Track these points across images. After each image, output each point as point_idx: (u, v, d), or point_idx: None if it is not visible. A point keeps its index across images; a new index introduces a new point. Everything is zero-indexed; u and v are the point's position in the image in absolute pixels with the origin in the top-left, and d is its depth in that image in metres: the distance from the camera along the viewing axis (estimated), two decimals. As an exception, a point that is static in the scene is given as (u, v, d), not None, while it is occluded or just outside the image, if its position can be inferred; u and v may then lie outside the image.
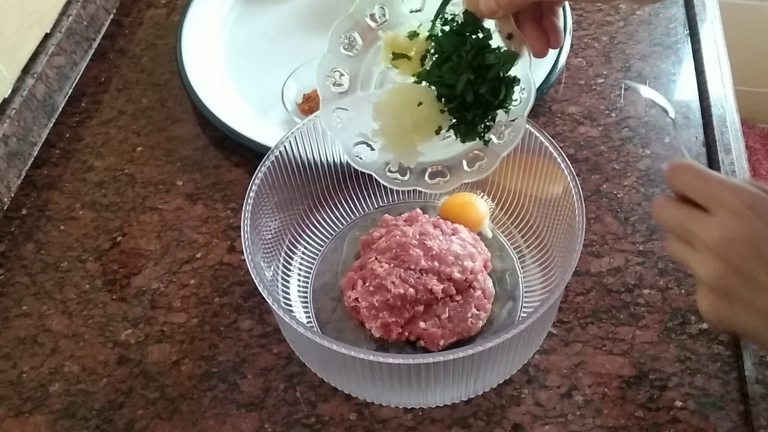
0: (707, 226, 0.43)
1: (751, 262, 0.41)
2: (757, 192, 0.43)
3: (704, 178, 0.45)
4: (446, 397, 0.58)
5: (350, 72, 0.54)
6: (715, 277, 0.43)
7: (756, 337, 0.44)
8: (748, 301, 0.42)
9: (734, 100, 0.81)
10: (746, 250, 0.42)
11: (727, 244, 0.42)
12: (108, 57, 0.95)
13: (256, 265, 0.57)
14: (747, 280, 0.42)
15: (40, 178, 0.82)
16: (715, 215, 0.43)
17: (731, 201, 0.43)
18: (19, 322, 0.70)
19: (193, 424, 0.62)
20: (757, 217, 0.42)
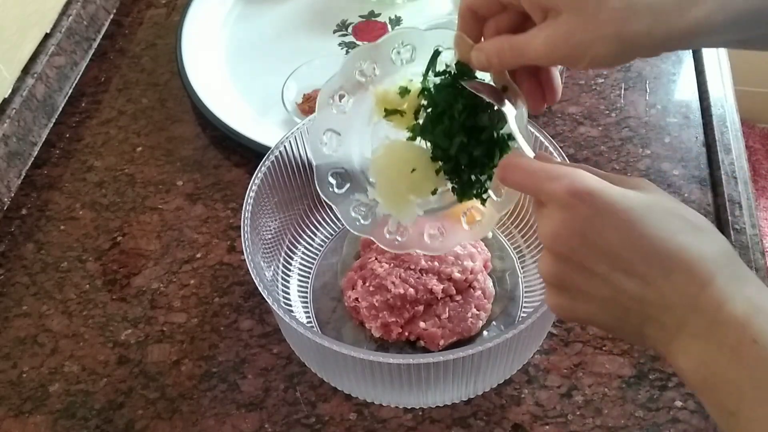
0: (541, 225, 0.42)
1: (580, 251, 0.40)
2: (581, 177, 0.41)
3: (530, 173, 0.43)
4: (446, 397, 0.58)
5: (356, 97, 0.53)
6: (551, 274, 0.42)
7: (601, 325, 0.43)
8: (584, 291, 0.41)
9: (734, 100, 0.81)
10: (573, 239, 0.40)
11: (555, 237, 0.41)
12: (108, 57, 0.95)
13: (256, 265, 0.57)
14: (580, 270, 0.40)
15: (40, 178, 0.82)
16: (548, 209, 0.42)
17: (554, 191, 0.41)
18: (19, 322, 0.70)
19: (193, 424, 0.62)
20: (581, 202, 0.40)
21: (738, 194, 0.72)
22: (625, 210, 0.39)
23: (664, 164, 0.77)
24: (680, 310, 0.38)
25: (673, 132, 0.79)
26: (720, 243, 0.39)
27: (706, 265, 0.38)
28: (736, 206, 0.71)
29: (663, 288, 0.38)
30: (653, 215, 0.39)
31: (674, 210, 0.40)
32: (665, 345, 0.39)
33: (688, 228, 0.39)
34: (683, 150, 0.78)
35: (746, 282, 0.38)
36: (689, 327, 0.38)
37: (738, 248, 0.68)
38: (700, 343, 0.37)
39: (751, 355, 0.36)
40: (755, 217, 0.71)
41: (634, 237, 0.39)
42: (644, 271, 0.38)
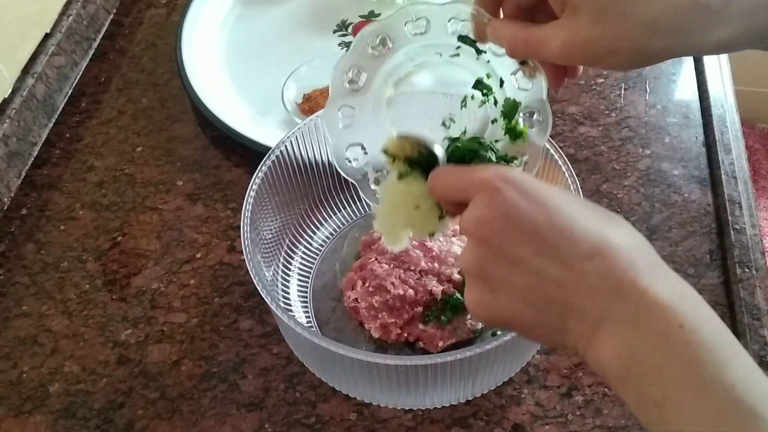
0: (464, 217, 0.41)
1: (503, 233, 0.38)
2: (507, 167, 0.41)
3: (457, 173, 0.43)
4: (445, 398, 0.58)
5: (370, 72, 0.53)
6: (471, 262, 0.40)
7: (522, 323, 0.39)
8: (506, 281, 0.39)
9: (734, 100, 0.81)
10: (497, 221, 0.38)
11: (478, 220, 0.39)
12: (108, 57, 0.95)
13: (256, 265, 0.57)
14: (502, 255, 0.39)
15: (40, 178, 0.82)
16: (474, 199, 0.40)
17: (482, 176, 0.40)
18: (19, 322, 0.70)
19: (193, 424, 0.62)
20: (509, 185, 0.39)
21: (738, 194, 0.72)
22: (550, 194, 0.39)
23: (664, 164, 0.77)
24: (603, 296, 0.37)
25: (673, 132, 0.79)
26: (638, 235, 0.39)
27: (628, 251, 0.37)
28: (736, 206, 0.71)
29: (586, 271, 0.37)
30: (575, 203, 0.39)
31: (594, 204, 0.41)
32: (586, 337, 0.37)
33: (608, 218, 0.39)
34: (683, 150, 0.78)
35: (666, 271, 0.38)
36: (613, 314, 0.36)
37: (738, 248, 0.68)
38: (624, 330, 0.36)
39: (677, 340, 0.35)
40: (755, 217, 0.71)
41: (559, 219, 0.38)
42: (568, 254, 0.37)
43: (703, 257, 0.69)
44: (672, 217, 0.72)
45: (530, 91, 0.51)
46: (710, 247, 0.70)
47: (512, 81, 0.51)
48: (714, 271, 0.68)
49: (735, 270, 0.66)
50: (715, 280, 0.67)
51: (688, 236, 0.71)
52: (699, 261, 0.69)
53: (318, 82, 0.83)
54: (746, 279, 0.66)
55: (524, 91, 0.52)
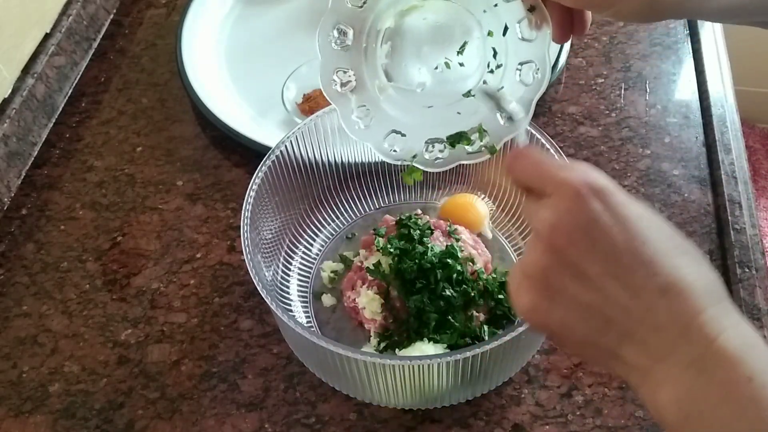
0: (542, 213, 0.38)
1: (578, 245, 0.36)
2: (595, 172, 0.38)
3: (540, 162, 0.41)
4: (445, 398, 0.58)
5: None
6: (538, 266, 0.38)
7: (574, 338, 0.38)
8: (568, 293, 0.37)
9: (734, 100, 0.81)
10: (575, 231, 0.36)
11: (555, 226, 0.37)
12: (108, 57, 0.95)
13: (256, 265, 0.57)
14: (571, 268, 0.37)
15: (40, 178, 0.82)
16: (552, 198, 0.38)
17: (568, 178, 0.38)
18: (19, 322, 0.70)
19: (193, 424, 0.62)
20: (595, 195, 0.37)
21: (738, 194, 0.72)
22: (636, 216, 0.37)
23: (664, 164, 0.77)
24: (670, 334, 0.35)
25: (673, 132, 0.79)
26: (714, 275, 0.38)
27: (700, 293, 0.36)
28: (736, 206, 0.71)
29: (656, 305, 0.35)
30: (659, 229, 0.38)
31: (676, 234, 0.38)
32: (643, 371, 0.36)
33: (688, 253, 0.38)
34: (683, 150, 0.78)
35: (737, 317, 0.36)
36: (678, 355, 0.35)
37: (738, 248, 0.68)
38: (689, 375, 0.34)
39: (745, 394, 0.33)
40: (755, 217, 0.71)
41: (639, 244, 0.36)
42: (640, 283, 0.36)
43: (703, 257, 0.69)
44: (672, 217, 0.72)
45: (533, 42, 0.50)
46: (710, 247, 0.70)
47: (516, 30, 0.49)
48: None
49: (735, 270, 0.66)
50: (715, 280, 0.67)
51: (688, 236, 0.70)
52: (699, 261, 0.69)
53: (318, 82, 0.82)
54: (746, 279, 0.66)
55: (527, 42, 0.50)
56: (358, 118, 0.54)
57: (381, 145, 0.55)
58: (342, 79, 0.53)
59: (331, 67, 0.53)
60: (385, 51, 0.52)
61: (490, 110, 0.52)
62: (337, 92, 0.53)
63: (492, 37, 0.51)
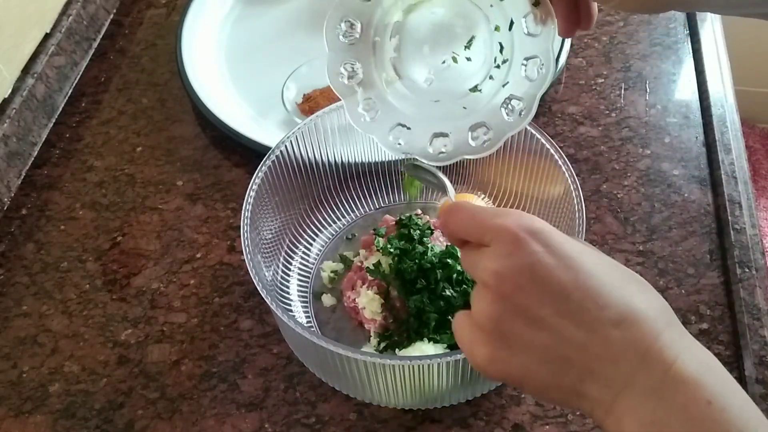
0: (484, 262, 0.38)
1: (526, 289, 0.36)
2: (529, 216, 0.39)
3: (474, 213, 0.41)
4: (445, 398, 0.58)
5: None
6: (488, 317, 0.38)
7: (536, 382, 0.38)
8: (523, 338, 0.37)
9: (734, 100, 0.81)
10: (521, 276, 0.37)
11: (500, 273, 0.37)
12: (108, 57, 0.95)
13: (256, 265, 0.57)
14: (522, 312, 0.37)
15: (40, 178, 0.82)
16: (493, 246, 0.38)
17: (504, 224, 0.38)
18: (19, 322, 0.70)
19: (193, 424, 0.62)
20: (534, 238, 0.37)
21: (738, 194, 0.72)
22: (577, 252, 0.37)
23: (664, 164, 0.77)
24: (628, 365, 0.35)
25: (673, 132, 0.79)
26: (661, 300, 0.38)
27: (654, 320, 0.36)
28: (736, 206, 0.71)
29: (611, 338, 0.36)
30: (601, 263, 0.38)
31: (618, 264, 0.39)
32: (607, 404, 0.36)
33: (634, 281, 0.38)
34: (683, 150, 0.78)
35: (690, 340, 0.37)
36: (638, 384, 0.35)
37: (738, 248, 0.68)
38: (650, 402, 0.35)
39: (706, 416, 0.33)
40: (755, 217, 0.71)
41: (585, 279, 0.36)
42: (592, 318, 0.36)
43: (703, 257, 0.69)
44: (672, 217, 0.72)
45: (538, 37, 0.49)
46: (710, 247, 0.70)
47: (522, 24, 0.49)
48: (714, 271, 0.68)
49: (735, 270, 0.66)
50: (715, 280, 0.67)
51: (688, 236, 0.71)
52: (699, 261, 0.69)
53: (318, 82, 0.83)
54: (746, 279, 0.66)
55: (532, 37, 0.50)
56: (364, 110, 0.54)
57: (386, 137, 0.54)
58: (349, 71, 0.53)
59: (338, 60, 0.52)
60: (393, 45, 0.52)
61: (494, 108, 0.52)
62: (344, 85, 0.53)
63: (499, 32, 0.50)
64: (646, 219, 0.72)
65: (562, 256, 0.37)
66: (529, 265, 0.37)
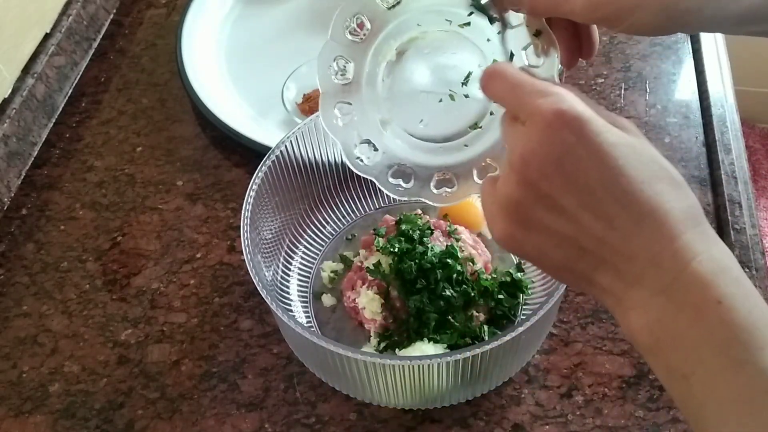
0: (514, 142, 0.38)
1: (552, 178, 0.36)
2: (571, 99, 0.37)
3: (516, 84, 0.40)
4: (445, 398, 0.58)
5: (355, 60, 0.51)
6: (511, 199, 0.38)
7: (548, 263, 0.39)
8: (544, 225, 0.37)
9: (734, 100, 0.81)
10: (548, 165, 0.36)
11: (529, 158, 0.37)
12: (108, 57, 0.95)
13: (256, 265, 0.57)
14: (545, 200, 0.37)
15: (40, 178, 0.82)
16: (526, 127, 0.38)
17: (540, 107, 0.37)
18: (19, 322, 0.70)
19: (193, 424, 0.62)
20: (566, 126, 0.36)
21: (738, 194, 0.72)
22: (610, 145, 0.36)
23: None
24: (642, 262, 0.35)
25: (673, 132, 0.79)
26: (692, 199, 0.37)
27: (677, 220, 0.35)
28: (736, 206, 0.71)
29: (630, 235, 0.36)
30: (636, 157, 0.37)
31: (656, 157, 0.38)
32: (617, 296, 0.36)
33: (666, 178, 0.37)
34: (683, 150, 0.78)
35: (713, 241, 0.36)
36: (648, 281, 0.35)
37: (738, 248, 0.68)
38: (659, 300, 0.35)
39: (714, 316, 0.33)
40: (755, 217, 0.71)
41: (613, 175, 0.36)
42: (615, 214, 0.36)
43: (703, 257, 0.69)
44: (672, 217, 0.72)
45: (541, 68, 0.48)
46: (710, 247, 0.70)
47: (522, 56, 0.48)
48: (714, 271, 0.68)
49: (735, 270, 0.66)
50: (715, 280, 0.67)
51: (688, 236, 0.71)
52: (699, 261, 0.69)
53: (318, 83, 0.83)
54: (746, 279, 0.66)
55: (534, 68, 0.48)
56: (362, 153, 0.53)
57: (386, 181, 0.53)
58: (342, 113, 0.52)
59: (331, 102, 0.52)
60: (387, 85, 0.51)
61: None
62: (339, 127, 0.52)
63: None
64: (646, 219, 0.72)
65: (594, 149, 0.36)
66: (557, 154, 0.36)
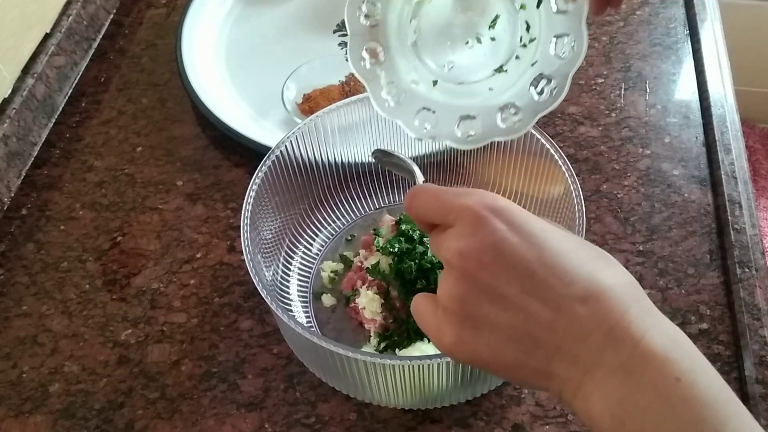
0: (447, 242, 0.38)
1: (491, 267, 0.36)
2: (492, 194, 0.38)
3: (437, 195, 0.40)
4: (445, 398, 0.58)
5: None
6: (453, 296, 0.37)
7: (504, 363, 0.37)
8: (491, 318, 0.36)
9: (734, 100, 0.81)
10: (485, 254, 0.36)
11: (464, 252, 0.37)
12: (108, 57, 0.95)
13: (256, 265, 0.57)
14: (487, 291, 0.36)
15: (40, 178, 0.82)
16: (456, 227, 0.38)
17: (467, 204, 0.37)
18: (19, 322, 0.70)
19: (193, 424, 0.62)
20: (497, 216, 0.37)
21: (738, 194, 0.72)
22: (541, 230, 0.37)
23: (664, 164, 0.77)
24: (596, 341, 0.35)
25: (673, 132, 0.79)
26: (629, 276, 0.38)
27: (621, 296, 0.35)
28: (736, 206, 0.71)
29: (578, 315, 0.35)
30: (567, 238, 0.38)
31: (585, 241, 0.39)
32: (575, 383, 0.35)
33: (601, 257, 0.38)
34: (683, 150, 0.78)
35: (659, 316, 0.36)
36: (605, 361, 0.35)
37: (738, 248, 0.68)
38: (618, 379, 0.34)
39: (675, 394, 0.33)
40: (755, 217, 0.71)
41: (550, 255, 0.36)
42: (559, 295, 0.35)
43: (703, 257, 0.69)
44: (672, 217, 0.72)
45: (568, 14, 0.47)
46: (710, 247, 0.70)
47: (551, 1, 0.48)
48: (714, 271, 0.68)
49: (735, 270, 0.66)
50: (715, 280, 0.67)
51: (688, 236, 0.71)
52: (699, 261, 0.69)
53: (318, 82, 0.83)
54: (746, 279, 0.66)
55: (562, 14, 0.48)
56: (388, 95, 0.52)
57: (412, 122, 0.52)
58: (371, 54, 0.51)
59: (359, 44, 0.51)
60: (413, 27, 0.50)
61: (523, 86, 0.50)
62: (366, 69, 0.51)
63: (525, 10, 0.49)
64: (646, 219, 0.72)
65: (527, 234, 0.37)
66: (492, 243, 0.36)
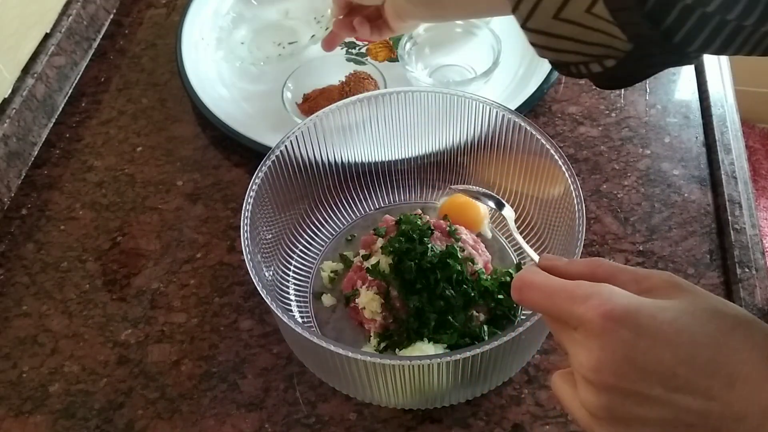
0: (576, 353, 0.39)
1: (630, 377, 0.36)
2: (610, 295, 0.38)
3: (550, 294, 0.40)
4: (445, 398, 0.58)
5: None
6: (598, 408, 0.38)
7: None
8: (642, 417, 0.37)
9: (734, 100, 0.81)
10: (621, 367, 0.37)
11: (598, 368, 0.37)
12: (108, 57, 0.95)
13: (256, 265, 0.57)
14: (632, 397, 0.37)
15: (40, 178, 0.82)
16: (580, 335, 0.38)
17: (585, 315, 0.37)
18: (19, 322, 0.70)
19: (193, 424, 0.62)
20: (620, 325, 0.37)
21: (738, 194, 0.72)
22: (670, 324, 0.36)
23: (664, 164, 0.77)
24: (755, 419, 0.35)
25: (673, 132, 0.79)
26: (764, 331, 0.37)
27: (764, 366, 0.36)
28: (736, 206, 0.71)
29: (730, 400, 0.35)
30: (697, 323, 0.37)
31: (711, 308, 0.38)
32: None
33: (733, 325, 0.37)
34: (683, 150, 0.78)
35: None
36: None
37: (738, 248, 0.68)
38: None
39: None
40: (755, 217, 0.71)
41: (687, 351, 0.36)
42: (706, 386, 0.36)
43: (703, 257, 0.69)
44: (672, 217, 0.72)
45: None
46: (710, 247, 0.70)
47: None
48: (714, 271, 0.68)
49: (735, 270, 0.66)
50: (715, 280, 0.67)
51: (688, 236, 0.71)
52: (699, 261, 0.69)
53: (318, 82, 0.83)
54: (746, 279, 0.66)
55: None
56: None
57: None
58: None
59: None
60: None
61: None
62: None
63: None
64: (646, 219, 0.72)
65: (654, 334, 0.36)
66: (624, 355, 0.36)
